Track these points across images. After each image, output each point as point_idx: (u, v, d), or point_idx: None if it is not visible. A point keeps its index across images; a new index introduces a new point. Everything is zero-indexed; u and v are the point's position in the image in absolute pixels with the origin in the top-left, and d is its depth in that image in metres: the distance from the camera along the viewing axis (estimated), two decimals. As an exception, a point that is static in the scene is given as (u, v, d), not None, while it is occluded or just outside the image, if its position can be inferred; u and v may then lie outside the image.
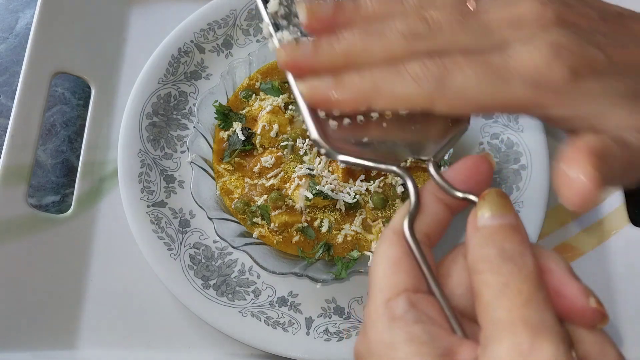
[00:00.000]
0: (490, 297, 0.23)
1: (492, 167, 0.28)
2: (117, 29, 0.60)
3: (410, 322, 0.24)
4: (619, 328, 0.49)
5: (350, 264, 0.46)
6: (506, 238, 0.24)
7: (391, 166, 0.28)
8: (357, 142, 0.29)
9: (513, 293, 0.22)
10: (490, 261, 0.23)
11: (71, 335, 0.49)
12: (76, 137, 0.57)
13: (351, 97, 0.27)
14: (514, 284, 0.22)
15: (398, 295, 0.25)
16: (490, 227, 0.24)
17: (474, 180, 0.27)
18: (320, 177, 0.47)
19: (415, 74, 0.27)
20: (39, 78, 0.53)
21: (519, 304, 0.22)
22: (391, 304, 0.24)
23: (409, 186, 0.28)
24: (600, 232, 0.53)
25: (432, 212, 0.27)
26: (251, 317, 0.46)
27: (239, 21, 0.56)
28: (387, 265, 0.26)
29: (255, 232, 0.47)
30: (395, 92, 0.27)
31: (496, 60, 0.27)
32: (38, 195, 0.55)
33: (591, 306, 0.23)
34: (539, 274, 0.23)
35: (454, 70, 0.27)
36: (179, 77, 0.54)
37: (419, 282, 0.25)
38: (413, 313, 0.24)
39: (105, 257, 0.51)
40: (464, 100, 0.27)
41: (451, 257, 0.27)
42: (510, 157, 0.52)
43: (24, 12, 0.64)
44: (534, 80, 0.27)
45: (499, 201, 0.25)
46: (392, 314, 0.24)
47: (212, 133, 0.51)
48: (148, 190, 0.50)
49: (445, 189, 0.27)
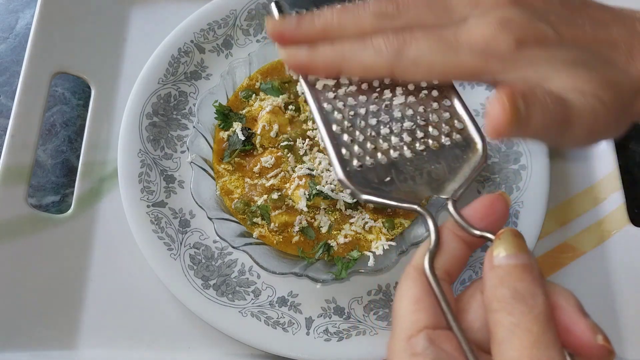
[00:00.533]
0: (502, 335, 0.24)
1: (508, 204, 0.30)
2: (117, 29, 0.60)
3: (429, 358, 0.25)
4: (619, 328, 0.49)
5: (350, 264, 0.46)
6: (519, 278, 0.25)
7: (412, 205, 0.30)
8: (380, 181, 0.31)
9: (523, 333, 0.24)
10: (504, 301, 0.25)
11: (71, 335, 0.49)
12: (76, 137, 0.57)
13: (322, 62, 0.31)
14: (524, 324, 0.24)
15: (419, 332, 0.26)
16: (506, 267, 0.26)
17: (491, 218, 0.29)
18: (320, 177, 0.47)
19: (378, 45, 0.30)
20: (39, 78, 0.53)
21: (528, 343, 0.23)
22: (412, 341, 0.26)
23: (430, 225, 0.29)
24: (600, 232, 0.53)
25: (451, 249, 0.29)
26: (251, 317, 0.46)
27: (239, 21, 0.56)
28: (408, 303, 0.27)
29: (255, 232, 0.47)
30: (360, 61, 0.31)
31: (450, 34, 0.30)
32: (38, 195, 0.55)
33: (598, 343, 0.25)
34: (549, 314, 0.25)
35: (410, 43, 0.30)
36: (179, 77, 0.54)
37: (439, 318, 0.27)
38: (432, 350, 0.26)
39: (105, 257, 0.51)
40: (418, 68, 0.30)
41: (469, 293, 0.29)
42: (510, 157, 0.52)
43: (24, 12, 0.64)
44: (481, 49, 0.29)
45: (514, 241, 0.27)
46: (413, 351, 0.26)
47: (212, 133, 0.51)
48: (148, 190, 0.50)
49: (464, 227, 0.29)
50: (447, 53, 0.30)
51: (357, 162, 0.31)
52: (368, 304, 0.47)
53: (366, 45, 0.31)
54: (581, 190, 0.54)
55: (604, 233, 0.52)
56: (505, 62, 0.29)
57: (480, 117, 0.53)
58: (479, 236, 0.28)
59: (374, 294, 0.48)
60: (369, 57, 0.31)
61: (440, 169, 0.32)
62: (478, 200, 0.30)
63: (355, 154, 0.31)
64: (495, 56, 0.29)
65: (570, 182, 0.55)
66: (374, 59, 0.30)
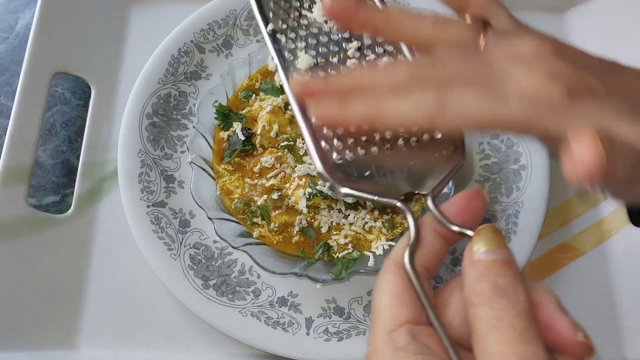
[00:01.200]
0: (484, 330, 0.24)
1: (485, 201, 0.30)
2: (117, 29, 0.60)
3: (412, 353, 0.25)
4: (619, 328, 0.49)
5: (350, 264, 0.46)
6: (500, 273, 0.25)
7: (392, 200, 0.30)
8: (360, 175, 0.31)
9: (507, 328, 0.24)
10: (485, 295, 0.25)
11: (71, 335, 0.49)
12: (76, 137, 0.57)
13: (355, 117, 0.30)
14: (507, 319, 0.24)
15: (400, 327, 0.26)
16: (485, 262, 0.26)
17: (469, 214, 0.29)
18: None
19: (417, 97, 0.29)
20: (39, 78, 0.53)
21: (512, 339, 0.23)
22: (394, 335, 0.26)
23: (409, 220, 0.29)
24: (600, 232, 0.53)
25: (430, 245, 0.29)
26: (251, 317, 0.46)
27: (238, 21, 0.56)
28: (389, 297, 0.27)
29: (255, 232, 0.47)
30: (398, 114, 0.29)
31: (496, 85, 0.29)
32: (38, 195, 0.55)
33: (579, 340, 0.25)
34: (531, 310, 0.25)
35: (453, 93, 0.29)
36: (179, 77, 0.54)
37: (419, 313, 0.27)
38: (414, 345, 0.25)
39: (105, 257, 0.51)
40: (464, 118, 0.29)
41: (449, 288, 0.28)
42: (510, 157, 0.52)
43: (24, 12, 0.64)
44: (531, 99, 0.28)
45: (493, 237, 0.27)
46: (396, 345, 0.26)
47: (212, 133, 0.51)
48: (148, 190, 0.50)
49: (443, 223, 0.29)
50: (495, 103, 0.28)
51: (337, 155, 0.31)
52: (368, 304, 0.47)
53: (405, 98, 0.29)
54: (581, 190, 0.54)
55: (604, 233, 0.52)
56: (558, 112, 0.28)
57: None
58: (458, 232, 0.28)
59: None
60: (408, 109, 0.29)
61: (420, 165, 0.32)
62: (456, 197, 0.30)
63: (335, 148, 0.31)
64: (548, 106, 0.28)
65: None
66: (414, 111, 0.29)
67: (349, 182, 0.30)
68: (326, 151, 0.31)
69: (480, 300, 0.25)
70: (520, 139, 0.52)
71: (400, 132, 0.32)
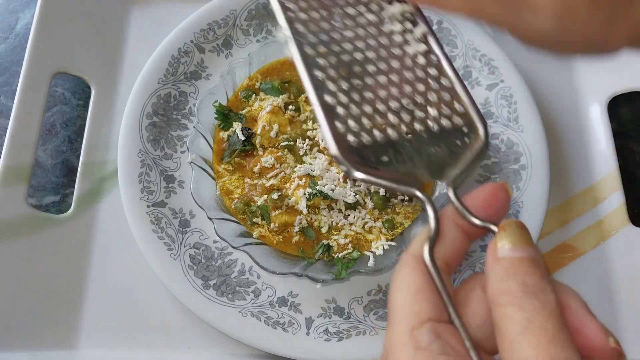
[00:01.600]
0: (514, 332, 0.23)
1: (510, 195, 0.28)
2: (117, 29, 0.60)
3: (436, 353, 0.24)
4: (619, 328, 0.49)
5: (350, 264, 0.46)
6: (527, 271, 0.24)
7: (411, 188, 0.28)
8: (377, 160, 0.29)
9: (538, 330, 0.22)
10: (513, 295, 0.23)
11: (71, 335, 0.49)
12: (76, 137, 0.57)
13: None
14: (539, 321, 0.22)
15: (422, 325, 0.25)
16: (511, 260, 0.24)
17: (493, 208, 0.28)
18: (320, 177, 0.47)
19: None
20: (39, 78, 0.53)
21: (545, 341, 0.22)
22: (416, 333, 0.24)
23: (429, 212, 0.28)
24: (600, 232, 0.53)
25: (451, 239, 0.28)
26: (251, 317, 0.46)
27: (239, 21, 0.56)
28: (409, 293, 0.26)
29: (255, 232, 0.47)
30: None
31: None
32: (38, 195, 0.55)
33: (611, 345, 0.24)
34: (561, 312, 0.23)
35: None
36: (179, 77, 0.54)
37: (441, 311, 0.25)
38: (438, 344, 0.24)
39: (105, 257, 0.51)
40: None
41: (469, 287, 0.27)
42: (510, 157, 0.52)
43: (24, 12, 0.64)
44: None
45: (520, 233, 0.25)
46: (418, 344, 0.24)
47: (212, 133, 0.51)
48: (148, 190, 0.50)
49: (465, 216, 0.27)
50: None
51: (353, 138, 0.29)
52: (368, 304, 0.47)
53: None
54: (581, 190, 0.54)
55: (604, 233, 0.52)
56: None
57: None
58: (481, 226, 0.27)
59: (374, 294, 0.48)
60: None
61: (441, 152, 0.30)
62: (480, 189, 0.28)
63: (351, 130, 0.29)
64: None
65: (570, 182, 0.55)
66: None
67: (365, 167, 0.28)
68: (341, 132, 0.29)
69: (507, 300, 0.23)
70: (521, 139, 0.52)
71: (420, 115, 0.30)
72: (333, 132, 0.29)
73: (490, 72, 0.54)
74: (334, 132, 0.29)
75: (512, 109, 0.53)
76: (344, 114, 0.29)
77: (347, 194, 0.46)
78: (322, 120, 0.29)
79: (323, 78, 0.30)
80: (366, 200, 0.48)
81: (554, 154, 0.53)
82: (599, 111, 0.56)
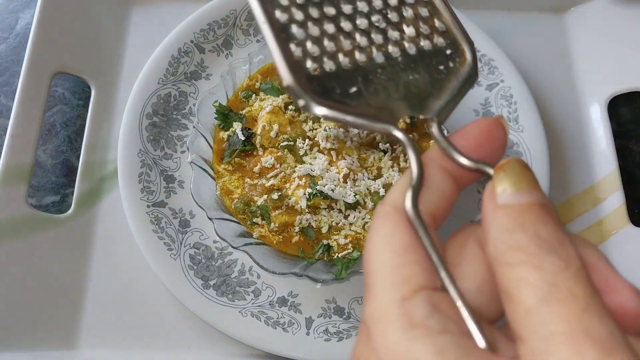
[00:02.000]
0: (533, 300, 0.18)
1: (507, 133, 0.23)
2: (117, 29, 0.60)
3: (435, 331, 0.18)
4: (619, 328, 0.49)
5: (350, 264, 0.46)
6: (539, 221, 0.19)
7: (386, 125, 0.23)
8: (344, 92, 0.24)
9: (567, 297, 0.17)
10: (525, 251, 0.18)
11: (71, 335, 0.49)
12: (76, 137, 0.57)
13: None
14: (565, 285, 0.17)
15: (415, 294, 0.19)
16: (517, 207, 0.20)
17: (486, 148, 0.23)
18: (320, 177, 0.47)
19: None
20: (39, 78, 0.53)
21: (577, 312, 0.17)
22: (407, 305, 0.19)
23: (410, 153, 0.23)
24: (600, 232, 0.53)
25: (437, 186, 0.22)
26: (251, 317, 0.46)
27: (239, 21, 0.56)
28: (394, 253, 0.20)
29: (255, 232, 0.47)
30: None
31: None
32: (38, 195, 0.55)
33: None
34: (588, 272, 0.19)
35: None
36: (179, 77, 0.54)
37: (434, 276, 0.20)
38: (437, 319, 0.19)
39: (105, 257, 0.51)
40: None
41: (459, 242, 0.22)
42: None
43: (24, 12, 0.64)
44: None
45: (523, 173, 0.20)
46: (410, 319, 0.19)
47: (212, 133, 0.51)
48: (148, 190, 0.50)
49: (454, 157, 0.23)
50: None
51: (313, 64, 0.23)
52: (368, 304, 0.47)
53: None
54: (581, 190, 0.54)
55: (604, 233, 0.52)
56: None
57: (481, 116, 0.53)
58: (474, 168, 0.22)
59: (374, 294, 0.48)
60: None
61: (421, 80, 0.25)
62: (471, 125, 0.23)
63: (310, 54, 0.24)
64: None
65: (570, 182, 0.55)
66: None
67: (328, 101, 0.23)
68: (297, 58, 0.23)
69: (518, 258, 0.18)
70: (521, 139, 0.52)
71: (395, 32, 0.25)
72: (286, 57, 0.23)
73: (490, 72, 0.54)
74: (287, 56, 0.23)
75: (512, 109, 0.53)
76: (299, 34, 0.24)
77: (347, 194, 0.46)
78: (272, 42, 0.23)
79: None
80: (366, 200, 0.48)
81: (554, 154, 0.53)
82: (599, 111, 0.56)
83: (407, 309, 0.19)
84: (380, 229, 0.21)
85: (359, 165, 0.48)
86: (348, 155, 0.48)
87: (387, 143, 0.49)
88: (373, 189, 0.47)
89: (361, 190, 0.47)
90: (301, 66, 0.23)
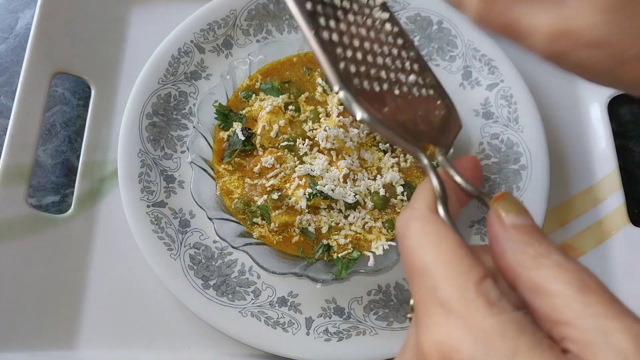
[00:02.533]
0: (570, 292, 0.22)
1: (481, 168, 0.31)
2: (117, 29, 0.60)
3: (509, 310, 0.22)
4: (619, 328, 0.49)
5: (350, 264, 0.46)
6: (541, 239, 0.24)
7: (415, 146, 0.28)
8: (379, 108, 0.27)
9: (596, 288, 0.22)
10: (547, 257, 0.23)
11: (71, 335, 0.49)
12: (76, 137, 0.57)
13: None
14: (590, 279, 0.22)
15: (483, 280, 0.23)
16: (524, 226, 0.25)
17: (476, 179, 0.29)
18: (320, 177, 0.47)
19: None
20: (39, 78, 0.53)
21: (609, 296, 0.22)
22: (481, 288, 0.22)
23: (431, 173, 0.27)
24: (600, 232, 0.53)
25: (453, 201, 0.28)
26: (251, 317, 0.46)
27: (239, 21, 0.56)
28: (452, 247, 0.24)
29: (255, 232, 0.47)
30: None
31: None
32: (38, 195, 0.55)
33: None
34: None
35: None
36: (179, 77, 0.54)
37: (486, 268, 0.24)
38: (506, 300, 0.22)
39: (105, 257, 0.51)
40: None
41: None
42: (510, 157, 0.52)
43: (24, 12, 0.64)
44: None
45: (517, 203, 0.26)
46: (488, 299, 0.22)
47: (212, 133, 0.51)
48: (148, 190, 0.50)
49: (460, 184, 0.28)
50: None
51: (357, 80, 0.27)
52: (368, 304, 0.47)
53: None
54: (581, 190, 0.54)
55: (604, 233, 0.52)
56: None
57: (481, 117, 0.53)
58: (476, 195, 0.27)
59: (374, 294, 0.48)
60: None
61: (432, 117, 0.30)
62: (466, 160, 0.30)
63: (354, 73, 0.27)
64: None
65: (570, 182, 0.55)
66: None
67: (373, 109, 0.26)
68: (347, 71, 0.27)
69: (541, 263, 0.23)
70: (521, 139, 0.52)
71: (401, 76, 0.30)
72: (335, 69, 0.26)
73: (490, 72, 0.54)
74: (336, 69, 0.26)
75: (512, 109, 0.53)
76: (345, 55, 0.27)
77: (347, 194, 0.46)
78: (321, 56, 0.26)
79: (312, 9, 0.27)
80: (366, 200, 0.48)
81: (554, 154, 0.53)
82: (599, 111, 0.56)
83: (482, 291, 0.22)
84: (427, 227, 0.25)
85: (359, 165, 0.48)
86: (348, 155, 0.48)
87: (386, 143, 0.49)
88: (373, 189, 0.47)
89: (361, 190, 0.47)
90: (350, 79, 0.27)
